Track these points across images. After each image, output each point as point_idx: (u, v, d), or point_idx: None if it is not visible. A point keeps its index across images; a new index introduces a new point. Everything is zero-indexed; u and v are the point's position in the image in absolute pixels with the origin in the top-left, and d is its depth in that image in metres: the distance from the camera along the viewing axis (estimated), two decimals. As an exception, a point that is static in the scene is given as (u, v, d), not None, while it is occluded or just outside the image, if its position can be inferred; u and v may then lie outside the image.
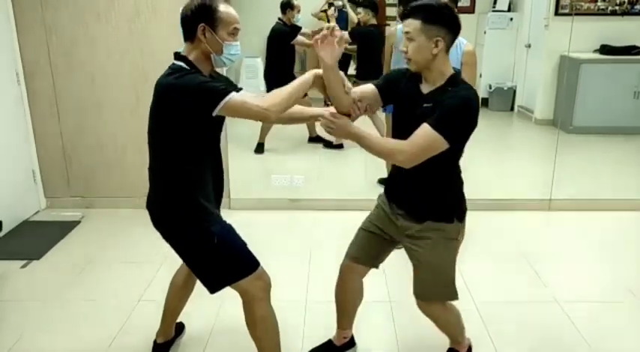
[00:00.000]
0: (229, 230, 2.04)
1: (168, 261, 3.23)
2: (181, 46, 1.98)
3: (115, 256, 3.42)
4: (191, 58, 1.91)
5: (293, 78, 4.95)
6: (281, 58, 5.26)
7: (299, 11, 5.27)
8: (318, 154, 5.50)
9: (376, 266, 2.29)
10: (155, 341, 2.45)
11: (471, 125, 1.91)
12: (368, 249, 2.24)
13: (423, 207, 2.04)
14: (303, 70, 5.06)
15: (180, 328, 2.58)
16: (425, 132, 1.85)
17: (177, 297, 2.38)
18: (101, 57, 3.91)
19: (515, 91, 7.11)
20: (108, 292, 3.00)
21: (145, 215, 2.05)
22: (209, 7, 1.88)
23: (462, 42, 3.08)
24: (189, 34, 1.92)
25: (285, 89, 1.91)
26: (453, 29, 1.88)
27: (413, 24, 1.87)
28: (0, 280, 3.06)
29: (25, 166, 4.02)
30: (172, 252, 2.05)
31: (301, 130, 5.75)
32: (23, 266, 3.29)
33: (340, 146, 5.46)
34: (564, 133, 5.67)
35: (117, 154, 4.07)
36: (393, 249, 2.27)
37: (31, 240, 3.64)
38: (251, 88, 5.52)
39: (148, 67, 3.86)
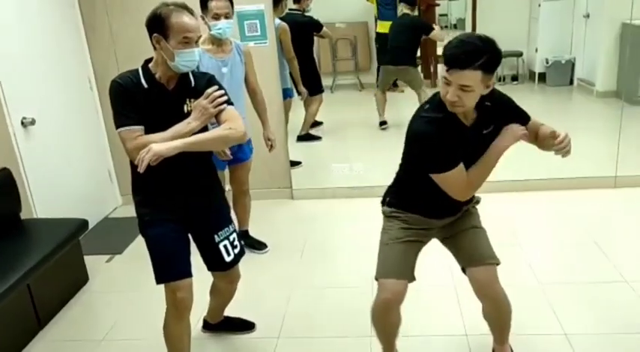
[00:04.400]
0: (162, 236, 2.12)
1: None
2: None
3: (189, 248, 3.64)
4: (152, 62, 2.07)
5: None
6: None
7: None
8: (373, 140, 5.55)
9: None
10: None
11: None
12: (412, 263, 2.12)
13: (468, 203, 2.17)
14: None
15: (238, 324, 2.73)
16: None
17: (216, 299, 2.57)
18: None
19: (574, 64, 6.87)
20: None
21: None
22: (159, 17, 1.99)
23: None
24: (151, 42, 2.04)
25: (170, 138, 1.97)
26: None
27: (472, 75, 1.74)
28: (90, 273, 3.34)
29: (102, 167, 4.32)
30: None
31: (357, 118, 5.82)
32: (108, 261, 3.57)
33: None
34: (629, 105, 5.46)
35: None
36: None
37: (113, 235, 3.93)
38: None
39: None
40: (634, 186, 4.03)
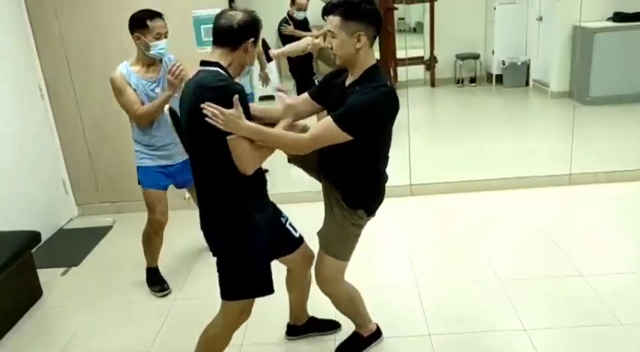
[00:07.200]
0: (266, 243, 2.08)
1: (200, 260, 3.36)
2: (189, 47, 2.00)
3: (149, 258, 3.55)
4: (225, 64, 1.90)
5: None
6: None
7: (299, 9, 5.13)
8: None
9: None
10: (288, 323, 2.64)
11: (378, 122, 1.98)
12: None
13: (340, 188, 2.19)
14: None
15: (329, 324, 2.65)
16: (325, 122, 1.93)
17: (297, 290, 2.49)
18: (117, 63, 4.01)
19: (529, 66, 7.06)
20: (146, 293, 3.14)
21: (175, 215, 2.13)
22: (258, 23, 1.93)
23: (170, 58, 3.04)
24: (229, 44, 1.89)
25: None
26: (373, 22, 1.95)
27: (333, 21, 1.94)
28: (44, 288, 3.21)
29: (56, 177, 4.17)
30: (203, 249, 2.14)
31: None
32: (64, 274, 3.45)
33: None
34: (581, 105, 5.65)
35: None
36: None
37: (68, 247, 3.80)
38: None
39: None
40: (587, 183, 4.15)
